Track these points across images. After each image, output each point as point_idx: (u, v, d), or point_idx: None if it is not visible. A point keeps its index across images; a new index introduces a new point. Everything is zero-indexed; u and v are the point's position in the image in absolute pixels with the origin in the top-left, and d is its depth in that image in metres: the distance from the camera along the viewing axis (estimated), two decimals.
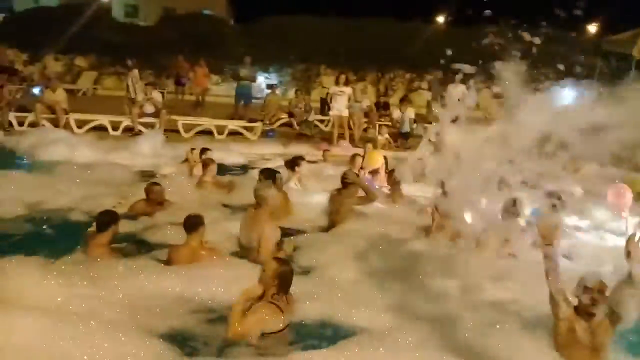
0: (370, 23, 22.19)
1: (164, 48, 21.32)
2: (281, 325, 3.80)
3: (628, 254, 3.44)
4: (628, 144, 4.26)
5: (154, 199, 6.53)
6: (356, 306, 4.42)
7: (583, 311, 3.47)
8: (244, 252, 5.39)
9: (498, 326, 3.94)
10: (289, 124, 14.99)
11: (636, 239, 3.45)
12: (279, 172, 7.06)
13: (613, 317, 3.42)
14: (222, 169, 8.79)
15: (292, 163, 8.05)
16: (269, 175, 6.61)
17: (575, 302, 3.54)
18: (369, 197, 6.48)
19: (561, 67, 6.24)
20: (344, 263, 5.29)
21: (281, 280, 3.90)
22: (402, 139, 13.71)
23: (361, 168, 8.42)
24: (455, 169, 4.89)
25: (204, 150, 8.58)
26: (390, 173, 7.95)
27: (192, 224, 4.98)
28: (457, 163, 4.85)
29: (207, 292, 4.40)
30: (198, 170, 7.99)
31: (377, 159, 8.66)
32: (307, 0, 23.84)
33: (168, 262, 4.89)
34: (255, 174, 7.59)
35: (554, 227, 3.67)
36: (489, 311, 4.22)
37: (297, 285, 4.29)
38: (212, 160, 7.86)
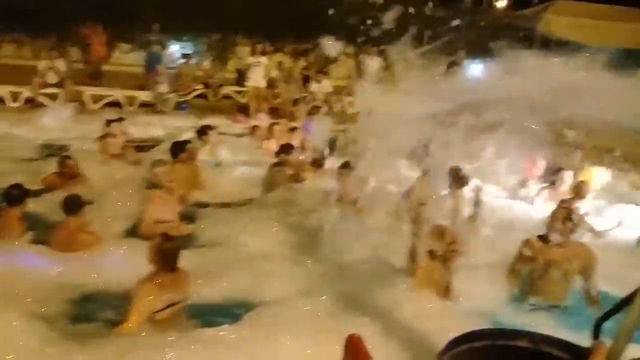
0: None
1: (69, 14, 19.89)
2: (164, 303, 3.67)
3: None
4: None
5: (67, 173, 6.33)
6: (261, 279, 4.42)
7: (441, 258, 4.20)
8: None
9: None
10: (204, 96, 14.54)
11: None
12: (189, 143, 6.88)
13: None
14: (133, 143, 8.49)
15: (200, 132, 7.88)
16: (175, 148, 6.43)
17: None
18: (296, 177, 6.59)
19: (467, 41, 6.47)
20: (253, 236, 5.26)
21: (163, 257, 3.76)
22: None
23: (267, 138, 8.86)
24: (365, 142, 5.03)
25: (118, 121, 8.21)
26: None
27: (70, 204, 4.71)
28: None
29: (83, 278, 4.29)
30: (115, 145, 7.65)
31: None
32: None
33: (49, 244, 4.66)
34: (167, 147, 7.34)
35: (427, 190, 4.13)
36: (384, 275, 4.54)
37: (202, 261, 4.26)
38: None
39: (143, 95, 13.04)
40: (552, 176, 7.77)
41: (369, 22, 11.58)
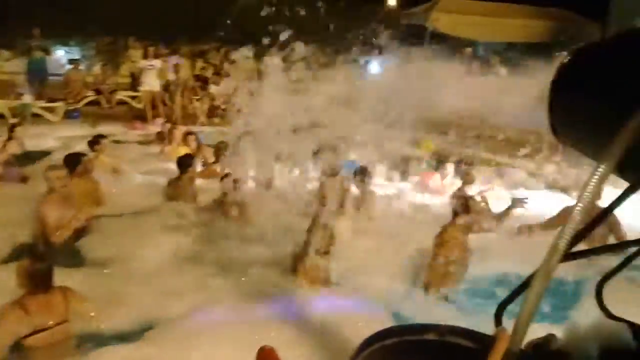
0: None
1: None
2: (31, 328, 3.43)
3: None
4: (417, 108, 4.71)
5: None
6: (161, 295, 4.28)
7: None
8: None
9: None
10: (96, 102, 13.83)
11: None
12: (84, 155, 6.51)
13: None
14: (22, 156, 7.92)
15: (92, 142, 7.46)
16: (70, 161, 6.04)
17: None
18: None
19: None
20: (150, 249, 5.09)
21: (32, 279, 3.52)
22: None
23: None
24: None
25: None
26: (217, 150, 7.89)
27: None
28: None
29: None
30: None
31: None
32: None
33: None
34: (59, 159, 6.89)
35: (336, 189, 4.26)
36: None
37: (96, 281, 4.07)
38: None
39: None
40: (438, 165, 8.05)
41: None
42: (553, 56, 9.90)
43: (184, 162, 6.44)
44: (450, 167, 7.90)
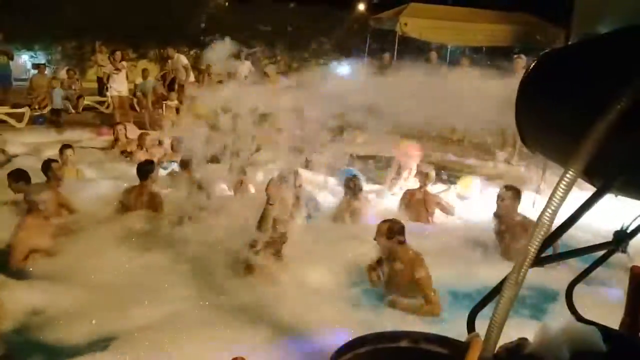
0: None
1: None
2: None
3: None
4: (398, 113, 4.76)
5: None
6: (122, 307, 4.18)
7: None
8: None
9: None
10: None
11: None
12: (55, 162, 6.43)
13: None
14: None
15: (60, 151, 7.30)
16: (16, 177, 5.90)
17: None
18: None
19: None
20: (109, 260, 4.97)
21: None
22: None
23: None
24: None
25: None
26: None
27: None
28: None
29: None
30: None
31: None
32: None
33: None
34: (23, 165, 6.72)
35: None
36: None
37: (52, 296, 4.00)
38: None
39: None
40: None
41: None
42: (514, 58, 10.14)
43: (143, 169, 6.29)
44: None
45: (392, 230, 4.40)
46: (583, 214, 0.95)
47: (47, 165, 6.32)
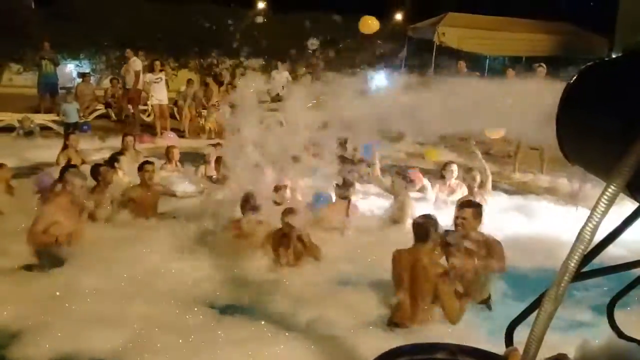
0: (190, 8, 21.47)
1: None
2: None
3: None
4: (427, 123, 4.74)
5: None
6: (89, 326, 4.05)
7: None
8: None
9: None
10: (106, 116, 13.94)
11: None
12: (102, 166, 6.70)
13: None
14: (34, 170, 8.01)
15: (111, 160, 7.49)
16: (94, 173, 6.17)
17: None
18: None
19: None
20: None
21: None
22: None
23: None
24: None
25: None
26: (217, 160, 7.92)
27: None
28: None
29: None
30: None
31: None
32: None
33: None
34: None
35: None
36: None
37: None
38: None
39: (39, 118, 12.28)
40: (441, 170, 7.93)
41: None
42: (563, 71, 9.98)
43: (94, 172, 6.45)
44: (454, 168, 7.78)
45: None
46: (625, 229, 0.94)
47: (95, 170, 6.53)
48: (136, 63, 13.03)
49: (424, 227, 4.24)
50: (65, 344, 3.75)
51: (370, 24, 9.61)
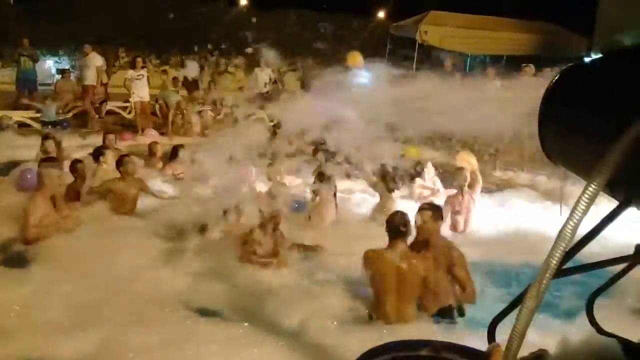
0: (171, 4, 21.32)
1: None
2: None
3: None
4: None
5: None
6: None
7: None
8: None
9: None
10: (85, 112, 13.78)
11: None
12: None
13: None
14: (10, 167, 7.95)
15: (96, 153, 7.42)
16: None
17: None
18: None
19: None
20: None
21: None
22: None
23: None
24: None
25: None
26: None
27: None
28: None
29: None
30: None
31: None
32: None
33: None
34: None
35: None
36: None
37: None
38: None
39: (17, 115, 12.09)
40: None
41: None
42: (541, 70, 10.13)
43: (72, 168, 6.58)
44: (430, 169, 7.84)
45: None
46: (605, 227, 0.96)
47: (73, 166, 6.66)
48: (97, 59, 13.30)
49: (398, 224, 4.21)
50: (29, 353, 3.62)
51: (357, 59, 10.38)
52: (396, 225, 4.20)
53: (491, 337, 1.14)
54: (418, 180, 7.75)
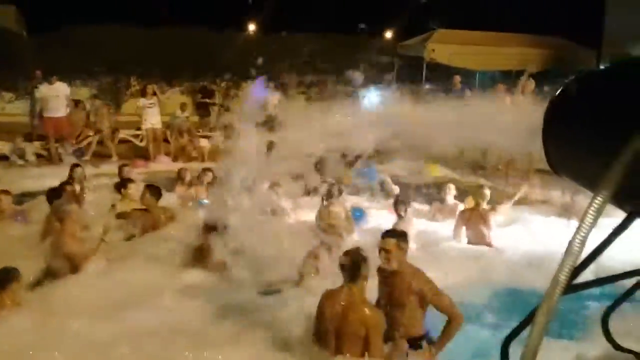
0: (182, 33, 21.63)
1: None
2: None
3: None
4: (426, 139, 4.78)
5: None
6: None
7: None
8: None
9: None
10: (99, 141, 13.96)
11: None
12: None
13: None
14: (28, 196, 8.24)
15: (120, 185, 7.50)
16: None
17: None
18: None
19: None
20: None
21: None
22: None
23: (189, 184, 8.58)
24: None
25: None
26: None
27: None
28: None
29: None
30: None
31: None
32: (109, 10, 22.23)
33: None
34: None
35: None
36: None
37: None
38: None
39: (32, 147, 12.27)
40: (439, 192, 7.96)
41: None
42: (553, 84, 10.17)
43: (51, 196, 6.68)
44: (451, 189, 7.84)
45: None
46: (613, 240, 0.94)
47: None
48: (63, 87, 12.48)
49: (353, 264, 3.71)
50: None
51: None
52: (355, 265, 3.71)
53: (504, 355, 1.12)
54: (435, 203, 7.84)
